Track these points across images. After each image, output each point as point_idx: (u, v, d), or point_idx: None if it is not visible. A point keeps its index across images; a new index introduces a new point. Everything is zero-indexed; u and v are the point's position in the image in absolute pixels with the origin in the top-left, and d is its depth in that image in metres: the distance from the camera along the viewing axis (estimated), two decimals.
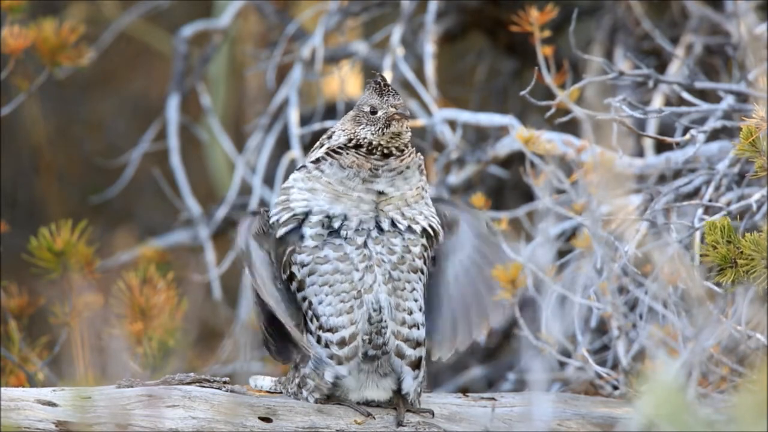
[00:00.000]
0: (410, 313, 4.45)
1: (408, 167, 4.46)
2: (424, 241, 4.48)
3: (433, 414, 4.53)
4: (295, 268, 4.45)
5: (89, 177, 7.41)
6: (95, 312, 5.29)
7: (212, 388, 4.50)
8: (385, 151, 4.45)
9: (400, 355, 4.46)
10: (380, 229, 4.44)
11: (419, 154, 4.52)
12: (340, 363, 4.46)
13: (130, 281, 5.27)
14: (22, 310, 5.43)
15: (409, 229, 4.46)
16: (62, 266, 5.31)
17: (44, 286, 5.36)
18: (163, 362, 5.15)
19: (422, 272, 4.48)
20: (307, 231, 4.44)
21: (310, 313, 4.45)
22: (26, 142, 7.52)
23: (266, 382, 4.67)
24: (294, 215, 4.46)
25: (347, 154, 4.44)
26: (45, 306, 5.40)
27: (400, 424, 4.51)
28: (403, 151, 4.47)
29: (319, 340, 4.44)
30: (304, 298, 4.46)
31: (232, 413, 4.42)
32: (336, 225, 4.42)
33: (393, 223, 4.45)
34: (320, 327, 4.43)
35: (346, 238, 4.42)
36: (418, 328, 4.46)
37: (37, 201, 7.50)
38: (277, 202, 4.51)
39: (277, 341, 4.56)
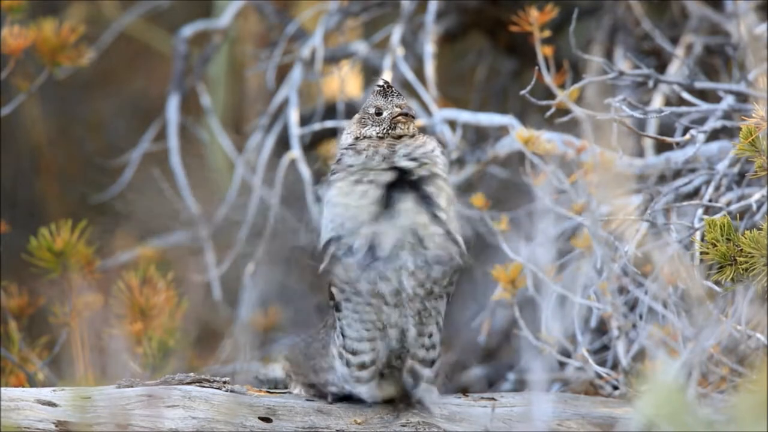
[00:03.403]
0: (430, 336, 4.49)
1: (424, 143, 4.48)
2: (455, 264, 4.49)
3: (423, 406, 4.56)
4: (335, 290, 4.48)
5: (89, 177, 7.41)
6: (95, 312, 5.29)
7: (212, 388, 4.50)
8: (395, 137, 4.48)
9: (413, 374, 4.50)
10: (413, 249, 4.44)
11: (432, 136, 4.54)
12: (359, 382, 4.51)
13: (130, 281, 5.27)
14: (22, 310, 5.43)
15: (439, 259, 4.46)
16: (62, 266, 5.31)
17: (44, 286, 5.36)
18: (163, 362, 5.15)
19: (448, 294, 4.51)
20: (343, 262, 4.46)
21: (339, 330, 4.50)
22: (26, 142, 7.52)
23: (277, 372, 4.69)
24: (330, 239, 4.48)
25: (361, 141, 4.47)
26: (45, 306, 5.40)
27: (398, 413, 4.54)
28: (413, 136, 4.50)
29: (341, 356, 4.50)
30: (340, 319, 4.50)
31: (232, 413, 4.42)
32: (373, 246, 4.43)
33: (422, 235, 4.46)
34: (344, 346, 4.48)
35: (379, 271, 4.43)
36: (435, 348, 4.52)
37: (37, 201, 7.50)
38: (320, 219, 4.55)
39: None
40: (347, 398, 4.57)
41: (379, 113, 4.50)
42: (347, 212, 4.43)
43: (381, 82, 4.55)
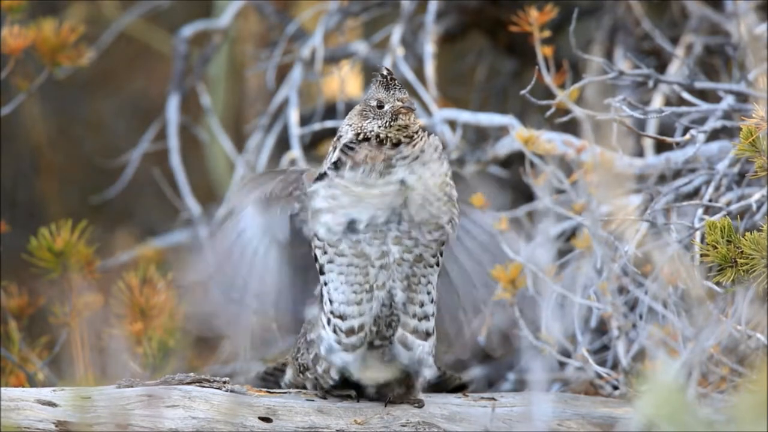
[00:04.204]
0: (422, 305, 4.51)
1: (423, 150, 4.48)
2: (444, 237, 4.52)
3: (421, 405, 4.55)
4: (318, 252, 4.49)
5: (89, 177, 7.41)
6: (95, 312, 5.29)
7: (212, 388, 4.50)
8: (394, 140, 4.48)
9: (405, 345, 4.51)
10: (400, 228, 4.46)
11: (433, 136, 4.53)
12: (347, 350, 4.51)
13: (130, 281, 5.27)
14: (22, 310, 5.43)
15: (430, 233, 4.49)
16: (62, 266, 5.30)
17: (44, 286, 5.36)
18: (163, 362, 5.15)
19: (438, 264, 4.52)
20: (327, 232, 4.49)
21: (326, 295, 4.52)
22: (26, 142, 7.52)
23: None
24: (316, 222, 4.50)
25: (359, 148, 4.46)
26: (45, 306, 5.40)
27: (388, 402, 4.55)
28: (412, 137, 4.49)
29: (329, 322, 4.50)
30: (324, 282, 4.52)
31: (232, 413, 4.42)
32: (359, 227, 4.46)
33: (416, 225, 4.48)
34: (332, 312, 4.49)
35: (364, 237, 4.46)
36: (428, 320, 4.53)
37: (37, 201, 7.50)
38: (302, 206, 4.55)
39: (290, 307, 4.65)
40: (339, 383, 4.57)
41: (380, 106, 4.52)
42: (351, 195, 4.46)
43: (384, 72, 4.55)
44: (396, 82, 4.53)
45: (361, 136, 4.49)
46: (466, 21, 6.22)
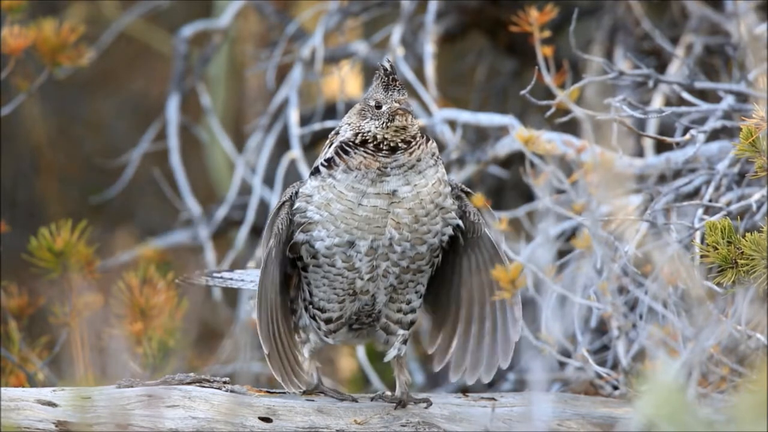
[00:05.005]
0: (408, 303, 4.56)
1: (419, 159, 4.48)
2: (436, 244, 4.52)
3: (429, 403, 4.57)
4: (305, 254, 4.50)
5: (89, 177, 7.41)
6: (95, 312, 5.29)
7: (212, 388, 4.50)
8: (391, 144, 4.47)
9: (387, 330, 4.60)
10: (390, 245, 4.48)
11: (431, 142, 4.53)
12: (326, 335, 4.59)
13: (130, 281, 5.27)
14: (22, 310, 5.43)
15: (421, 245, 4.50)
16: (62, 266, 5.31)
17: (44, 286, 5.36)
18: (163, 362, 5.16)
19: (432, 265, 4.54)
20: (322, 249, 4.51)
21: (306, 287, 4.57)
22: (26, 142, 7.52)
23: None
24: (307, 239, 4.51)
25: (355, 153, 4.46)
26: (45, 306, 5.40)
27: (399, 403, 4.56)
28: (410, 143, 4.48)
29: (306, 309, 4.58)
30: (306, 277, 4.55)
31: (232, 413, 4.42)
32: (361, 250, 4.47)
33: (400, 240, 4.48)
34: (311, 303, 4.55)
35: (357, 253, 4.48)
36: (414, 312, 4.61)
37: (37, 201, 7.50)
38: (297, 208, 4.53)
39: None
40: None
41: (378, 106, 4.52)
42: (344, 210, 4.46)
43: (386, 66, 4.54)
44: (396, 81, 4.53)
45: (359, 137, 4.49)
46: (466, 21, 6.23)
